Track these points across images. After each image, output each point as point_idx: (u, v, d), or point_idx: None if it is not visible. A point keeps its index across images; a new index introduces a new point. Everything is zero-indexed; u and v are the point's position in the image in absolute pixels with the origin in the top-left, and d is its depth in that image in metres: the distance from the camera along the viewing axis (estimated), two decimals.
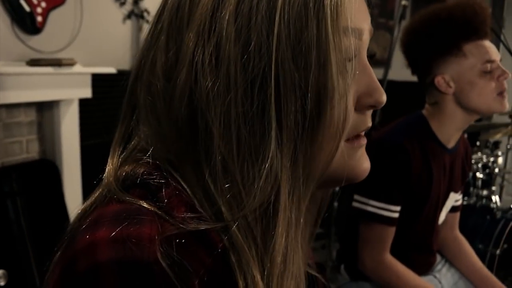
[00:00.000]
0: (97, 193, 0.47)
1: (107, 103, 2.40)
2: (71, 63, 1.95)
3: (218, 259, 0.41)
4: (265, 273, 0.43)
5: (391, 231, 1.26)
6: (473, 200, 2.71)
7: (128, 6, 2.45)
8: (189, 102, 0.42)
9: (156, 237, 0.38)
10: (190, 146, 0.43)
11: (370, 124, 0.49)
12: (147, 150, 0.47)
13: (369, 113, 0.49)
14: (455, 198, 1.47)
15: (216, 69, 0.41)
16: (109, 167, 0.48)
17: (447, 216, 1.48)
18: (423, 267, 1.43)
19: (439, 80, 1.25)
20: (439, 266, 1.53)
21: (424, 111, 1.35)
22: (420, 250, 1.42)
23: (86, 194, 2.23)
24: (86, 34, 2.20)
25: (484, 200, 2.77)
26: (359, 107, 0.47)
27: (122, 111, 0.51)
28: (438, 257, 1.54)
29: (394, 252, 1.30)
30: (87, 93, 2.12)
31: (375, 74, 0.48)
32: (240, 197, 0.42)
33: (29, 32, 1.99)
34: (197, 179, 0.44)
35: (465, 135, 1.52)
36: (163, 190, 0.43)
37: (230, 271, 0.42)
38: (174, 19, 0.44)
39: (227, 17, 0.41)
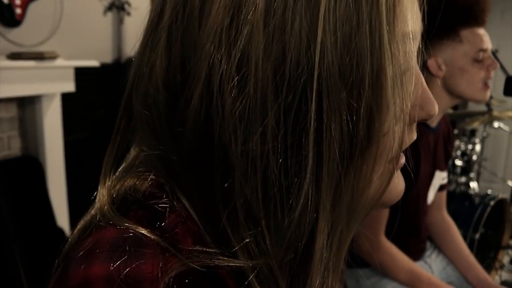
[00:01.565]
0: (90, 216, 0.40)
1: (89, 96, 2.35)
2: (53, 57, 1.91)
3: None
4: None
5: (385, 212, 1.29)
6: (452, 186, 2.79)
7: None
8: (204, 129, 0.33)
9: (159, 276, 0.32)
10: (204, 181, 0.35)
11: (416, 136, 0.42)
12: (150, 162, 0.41)
13: (416, 125, 0.42)
14: (441, 177, 1.51)
15: (241, 91, 0.32)
16: (101, 188, 0.41)
17: (435, 196, 1.51)
18: (415, 253, 1.46)
19: (431, 62, 1.28)
20: (428, 252, 1.57)
21: None
22: (412, 234, 1.45)
23: (70, 190, 2.20)
24: (66, 27, 2.15)
25: (462, 187, 2.85)
26: (410, 122, 0.40)
27: (116, 122, 0.43)
28: (428, 244, 1.58)
29: (390, 237, 1.32)
30: (70, 87, 2.07)
31: None
32: (265, 245, 0.34)
33: (8, 25, 1.93)
34: (208, 219, 0.36)
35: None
36: (167, 215, 0.36)
37: None
38: (181, 15, 0.34)
39: (255, 19, 0.31)
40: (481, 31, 1.27)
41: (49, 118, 2.06)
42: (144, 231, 0.34)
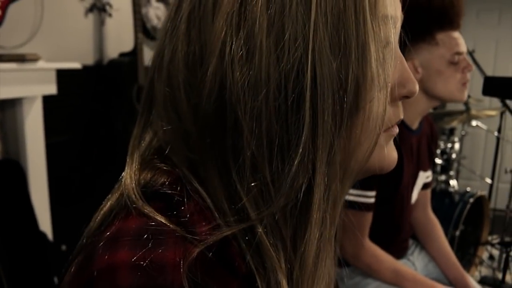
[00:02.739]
0: (116, 197, 0.44)
1: (71, 98, 2.33)
2: (35, 59, 1.88)
3: (244, 283, 0.39)
4: (293, 276, 0.41)
5: (369, 216, 1.31)
6: (432, 185, 2.84)
7: (89, 0, 2.39)
8: (218, 95, 0.39)
9: (181, 262, 0.36)
10: (216, 143, 0.41)
11: (402, 115, 0.48)
12: (162, 150, 0.45)
13: (401, 104, 0.48)
14: (425, 176, 1.54)
15: (248, 61, 0.38)
16: (128, 170, 0.45)
17: (419, 194, 1.54)
18: (399, 252, 1.49)
19: (408, 65, 1.30)
20: (411, 250, 1.60)
21: None
22: (396, 233, 1.48)
23: (52, 193, 2.17)
24: (47, 29, 2.12)
25: (442, 185, 2.91)
26: (392, 98, 0.45)
27: (141, 105, 0.48)
28: (410, 241, 1.61)
29: (372, 238, 1.35)
30: (51, 89, 2.05)
31: None
32: (269, 195, 0.40)
33: None
34: (220, 178, 0.41)
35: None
36: (185, 205, 0.40)
37: None
38: (197, 7, 0.41)
39: (259, 5, 0.38)
40: (456, 34, 1.30)
41: (30, 121, 2.04)
42: (163, 220, 0.38)
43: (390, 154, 0.48)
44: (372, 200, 1.31)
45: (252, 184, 0.39)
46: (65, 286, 0.40)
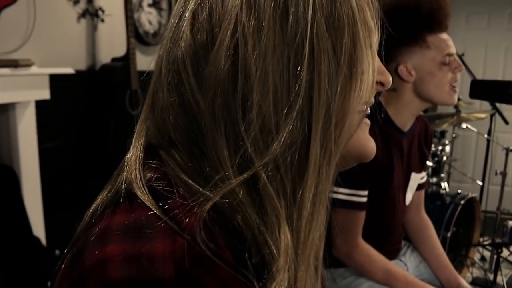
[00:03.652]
0: (106, 191, 0.46)
1: (64, 104, 2.34)
2: (28, 64, 1.89)
3: (235, 271, 0.41)
4: (293, 224, 0.45)
5: (362, 215, 1.33)
6: (427, 185, 2.86)
7: (82, 5, 2.39)
8: (231, 62, 0.44)
9: (170, 254, 0.37)
10: (226, 102, 0.45)
11: (373, 100, 0.54)
12: (152, 148, 0.48)
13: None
14: (418, 178, 1.56)
15: (259, 33, 0.44)
16: (132, 154, 0.48)
17: (413, 195, 1.56)
18: (391, 253, 1.50)
19: (401, 69, 1.33)
20: (403, 251, 1.61)
21: (380, 98, 1.42)
22: (388, 234, 1.50)
23: (46, 198, 2.17)
24: (40, 34, 2.13)
25: (434, 187, 2.93)
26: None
27: (148, 95, 0.52)
28: (403, 242, 1.63)
29: (365, 238, 1.37)
30: (45, 94, 2.06)
31: None
32: (272, 143, 0.44)
33: None
34: (226, 135, 0.45)
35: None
36: (172, 199, 0.42)
37: (248, 280, 0.41)
38: None
39: None
40: (445, 36, 1.33)
41: (23, 126, 2.04)
42: (151, 213, 0.40)
43: (368, 143, 0.55)
44: (364, 199, 1.33)
45: (258, 133, 0.44)
46: (57, 283, 0.41)
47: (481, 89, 1.04)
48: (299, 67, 0.45)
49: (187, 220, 0.41)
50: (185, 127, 0.47)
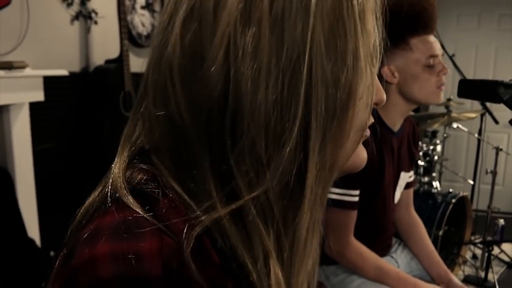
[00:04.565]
0: (97, 193, 0.47)
1: (58, 106, 2.34)
2: (22, 66, 1.90)
3: (221, 271, 0.42)
4: (284, 256, 0.44)
5: (354, 214, 1.35)
6: (416, 186, 2.89)
7: (75, 7, 2.40)
8: (222, 86, 0.42)
9: (157, 252, 0.38)
10: (214, 128, 0.43)
11: (372, 120, 0.53)
12: (144, 150, 0.48)
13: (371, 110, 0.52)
14: (407, 176, 1.58)
15: (253, 57, 0.41)
16: (117, 160, 0.48)
17: (401, 194, 1.58)
18: (382, 249, 1.53)
19: (385, 71, 1.34)
20: (394, 248, 1.64)
21: None
22: (379, 232, 1.52)
23: (40, 200, 2.17)
24: (34, 36, 2.14)
25: (426, 186, 2.96)
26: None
27: (135, 102, 0.51)
28: (393, 240, 1.65)
29: (356, 236, 1.39)
30: (39, 96, 2.06)
31: None
32: (263, 176, 0.42)
33: None
34: (211, 161, 0.43)
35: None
36: (160, 201, 0.43)
37: (235, 280, 0.42)
38: (198, 3, 0.43)
39: (263, 5, 0.41)
40: (431, 38, 1.33)
41: (17, 128, 2.05)
42: (140, 214, 0.41)
43: (361, 153, 0.53)
44: (356, 199, 1.35)
45: (249, 166, 0.42)
46: (51, 282, 0.41)
47: (469, 89, 1.06)
48: (295, 97, 0.42)
49: (174, 222, 0.41)
50: (172, 144, 0.46)
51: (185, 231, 0.40)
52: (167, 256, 0.38)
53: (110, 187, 0.45)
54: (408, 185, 1.61)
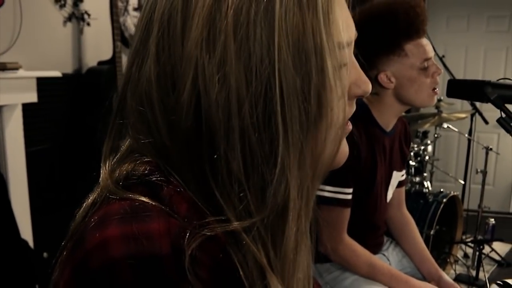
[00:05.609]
0: (97, 193, 0.48)
1: (51, 107, 2.34)
2: (16, 67, 1.90)
3: (226, 253, 0.43)
4: (273, 267, 0.45)
5: (347, 212, 1.37)
6: (407, 186, 2.92)
7: (68, 9, 2.40)
8: (194, 114, 0.42)
9: (165, 232, 0.40)
10: (193, 155, 0.44)
11: (355, 108, 0.54)
12: (142, 152, 0.49)
13: (355, 101, 0.54)
14: (399, 175, 1.61)
15: (221, 84, 0.41)
16: (103, 171, 0.49)
17: (393, 193, 1.61)
18: (374, 247, 1.55)
19: (382, 77, 1.37)
20: (386, 246, 1.66)
21: (365, 99, 1.46)
22: (371, 229, 1.54)
23: (33, 201, 2.17)
24: (26, 38, 2.13)
25: (417, 186, 2.99)
26: (349, 97, 0.51)
27: (112, 116, 0.51)
28: (385, 238, 1.67)
29: (349, 233, 1.40)
30: (32, 97, 2.06)
31: None
32: (250, 207, 0.43)
33: None
34: (197, 184, 0.44)
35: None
36: (164, 188, 0.44)
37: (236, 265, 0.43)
38: (166, 31, 0.44)
39: (227, 31, 0.41)
40: (424, 41, 1.36)
41: (10, 129, 2.04)
42: (146, 200, 0.42)
43: (343, 149, 0.53)
44: (349, 197, 1.37)
45: (234, 197, 0.43)
46: (60, 271, 0.43)
47: (458, 88, 1.08)
48: (271, 118, 0.42)
49: (180, 207, 0.43)
50: (158, 160, 0.47)
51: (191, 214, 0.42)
52: (174, 235, 0.40)
53: (106, 192, 0.46)
54: (400, 184, 1.64)
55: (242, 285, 0.43)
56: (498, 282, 1.09)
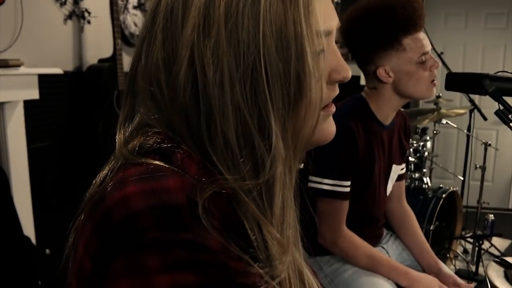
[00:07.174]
0: (112, 163, 0.53)
1: (53, 104, 2.35)
2: (18, 64, 1.91)
3: (232, 208, 0.49)
4: (269, 222, 0.51)
5: (346, 204, 1.39)
6: (406, 182, 2.92)
7: (68, 6, 2.41)
8: (191, 91, 0.49)
9: (180, 187, 0.45)
10: (193, 129, 0.51)
11: (337, 92, 0.60)
12: (153, 125, 0.54)
13: (337, 86, 0.60)
14: (399, 169, 1.62)
15: (215, 65, 0.48)
16: (118, 141, 0.55)
17: (393, 186, 1.62)
18: (373, 239, 1.56)
19: (380, 72, 1.38)
20: (385, 239, 1.67)
21: (363, 93, 1.48)
22: (370, 222, 1.55)
23: (35, 198, 2.18)
24: (27, 35, 2.15)
25: (416, 182, 3.00)
26: (330, 82, 0.57)
27: (124, 95, 0.59)
28: (385, 231, 1.69)
29: (348, 226, 1.42)
30: (34, 94, 2.08)
31: None
32: (244, 171, 0.49)
33: None
34: (199, 153, 0.51)
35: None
36: (176, 153, 0.50)
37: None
38: (169, 21, 0.51)
39: (219, 21, 0.48)
40: (421, 35, 1.37)
41: (12, 126, 2.06)
42: (159, 163, 0.48)
43: (328, 128, 0.60)
44: (347, 189, 1.38)
45: (228, 160, 0.49)
46: (80, 229, 0.47)
47: (456, 81, 1.09)
48: (260, 96, 0.48)
49: (191, 170, 0.49)
50: (167, 131, 0.53)
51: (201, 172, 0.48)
52: (188, 190, 0.45)
53: (122, 159, 0.51)
54: (399, 177, 1.65)
55: (248, 237, 0.48)
56: (496, 259, 1.11)
